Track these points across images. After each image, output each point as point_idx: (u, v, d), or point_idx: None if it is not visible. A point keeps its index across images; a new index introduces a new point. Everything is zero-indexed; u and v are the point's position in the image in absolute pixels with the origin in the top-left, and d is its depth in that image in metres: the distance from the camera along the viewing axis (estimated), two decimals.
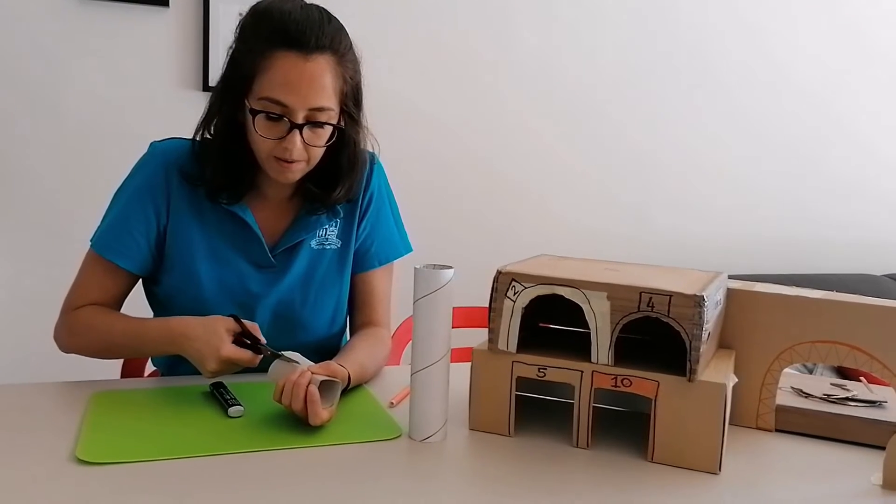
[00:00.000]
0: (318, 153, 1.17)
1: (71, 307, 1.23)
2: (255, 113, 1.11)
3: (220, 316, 1.13)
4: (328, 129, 1.15)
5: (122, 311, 1.26)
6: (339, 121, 1.17)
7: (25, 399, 1.10)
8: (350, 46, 1.16)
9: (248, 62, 1.11)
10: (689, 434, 0.94)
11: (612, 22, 2.64)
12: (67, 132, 2.11)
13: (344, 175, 1.23)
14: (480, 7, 2.47)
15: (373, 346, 1.28)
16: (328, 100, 1.12)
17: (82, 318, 1.21)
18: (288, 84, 1.09)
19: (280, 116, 1.11)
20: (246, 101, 1.12)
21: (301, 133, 1.11)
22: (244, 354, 1.10)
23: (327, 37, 1.10)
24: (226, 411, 1.05)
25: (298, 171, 1.17)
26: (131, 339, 1.19)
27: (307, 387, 1.00)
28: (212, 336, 1.09)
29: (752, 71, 2.84)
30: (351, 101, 1.18)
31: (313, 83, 1.10)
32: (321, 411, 0.99)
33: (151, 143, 1.26)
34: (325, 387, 1.02)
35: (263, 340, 1.13)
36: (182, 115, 2.10)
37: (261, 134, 1.12)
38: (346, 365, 1.13)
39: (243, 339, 1.12)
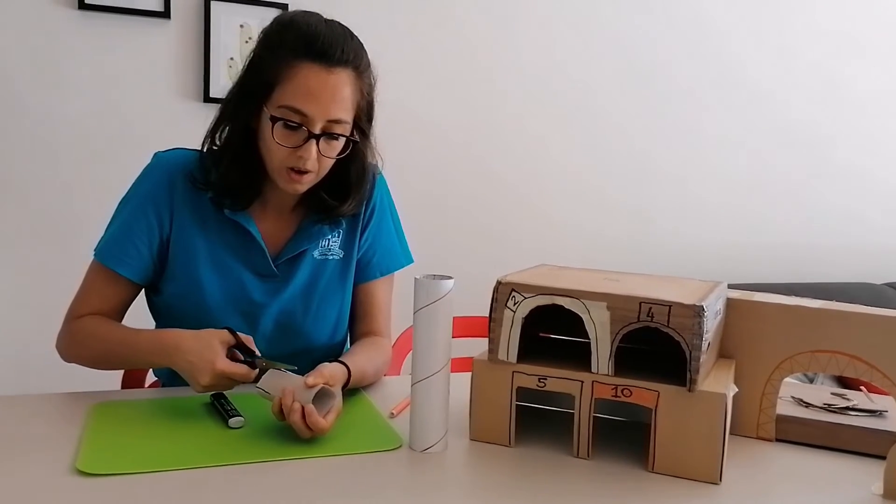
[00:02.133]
0: (329, 164, 1.18)
1: (72, 317, 1.24)
2: (274, 120, 1.12)
3: (213, 329, 1.12)
4: (342, 142, 1.17)
5: (128, 321, 1.26)
6: (351, 134, 1.18)
7: (26, 410, 1.10)
8: (369, 64, 1.18)
9: (270, 69, 1.12)
10: (689, 444, 0.94)
11: (614, 28, 2.65)
12: (69, 143, 2.11)
13: (352, 188, 1.25)
14: (482, 15, 2.49)
15: (372, 351, 1.29)
16: (346, 112, 1.14)
17: (81, 328, 1.22)
18: (310, 94, 1.10)
19: (298, 125, 1.12)
20: (265, 108, 1.14)
21: (317, 143, 1.13)
22: (239, 369, 1.08)
23: (350, 52, 1.13)
24: (226, 422, 1.05)
25: (308, 182, 1.18)
26: (125, 350, 1.18)
27: (301, 407, 0.99)
28: (205, 349, 1.08)
29: (755, 78, 2.85)
30: (365, 116, 1.20)
31: (334, 95, 1.12)
32: (319, 420, 0.99)
33: (155, 154, 1.26)
34: (320, 395, 1.02)
35: (258, 353, 1.12)
36: (184, 125, 2.13)
37: (278, 142, 1.13)
38: (344, 362, 1.14)
39: (238, 351, 1.11)
